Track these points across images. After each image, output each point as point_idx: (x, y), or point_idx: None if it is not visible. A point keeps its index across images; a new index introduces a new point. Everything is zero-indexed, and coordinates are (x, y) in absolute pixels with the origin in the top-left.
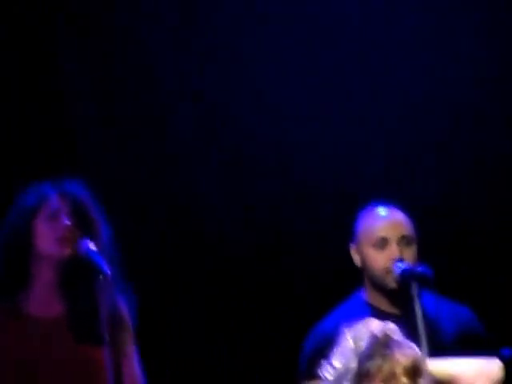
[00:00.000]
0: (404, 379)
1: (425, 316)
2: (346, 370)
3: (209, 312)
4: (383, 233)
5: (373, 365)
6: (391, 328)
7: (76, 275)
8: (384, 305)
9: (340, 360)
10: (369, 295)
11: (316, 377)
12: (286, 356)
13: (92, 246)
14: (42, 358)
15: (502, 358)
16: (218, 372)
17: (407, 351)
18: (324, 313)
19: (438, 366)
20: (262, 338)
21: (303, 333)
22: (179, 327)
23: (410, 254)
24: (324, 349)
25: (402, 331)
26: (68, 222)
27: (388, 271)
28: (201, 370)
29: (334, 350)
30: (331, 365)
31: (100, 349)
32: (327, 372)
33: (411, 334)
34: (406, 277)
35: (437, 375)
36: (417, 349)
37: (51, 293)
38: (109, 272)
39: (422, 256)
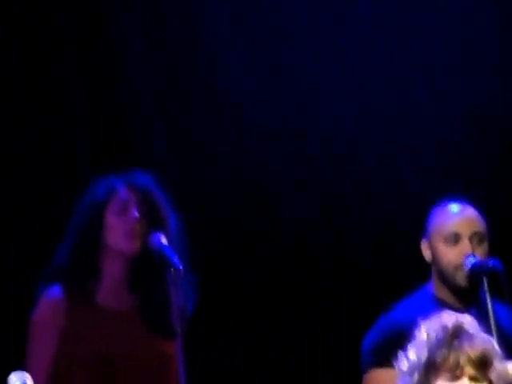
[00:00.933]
0: (470, 370)
1: (495, 319)
2: (419, 362)
3: None
4: (455, 228)
5: (439, 355)
6: (466, 320)
7: (146, 268)
8: (452, 300)
9: (414, 352)
10: (437, 289)
11: (385, 366)
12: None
13: (163, 239)
14: (115, 351)
15: None
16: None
17: (477, 342)
18: (390, 305)
19: None
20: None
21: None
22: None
23: (481, 251)
24: (392, 340)
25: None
26: (137, 215)
27: (459, 267)
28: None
29: (410, 342)
30: (406, 356)
31: (172, 342)
32: (402, 363)
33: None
34: (476, 271)
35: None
36: (493, 343)
37: (122, 285)
38: (180, 266)
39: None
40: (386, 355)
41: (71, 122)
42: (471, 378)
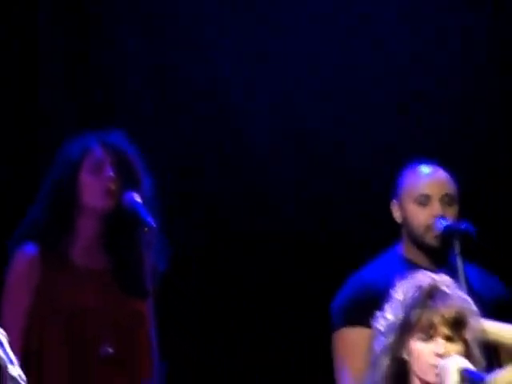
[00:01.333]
0: (444, 330)
1: (466, 281)
2: (394, 322)
3: None
4: (426, 190)
5: (413, 315)
6: (442, 280)
7: (120, 227)
8: (422, 260)
9: (390, 312)
10: (407, 250)
11: (354, 325)
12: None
13: (137, 198)
14: (87, 307)
15: None
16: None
17: (452, 302)
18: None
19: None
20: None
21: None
22: None
23: (451, 212)
24: (362, 299)
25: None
26: (112, 174)
27: (429, 228)
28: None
29: (387, 302)
30: (383, 317)
31: (143, 302)
32: (379, 324)
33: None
34: (449, 233)
35: (487, 335)
36: (469, 303)
37: (96, 244)
38: (154, 224)
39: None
40: (356, 314)
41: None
42: (446, 338)
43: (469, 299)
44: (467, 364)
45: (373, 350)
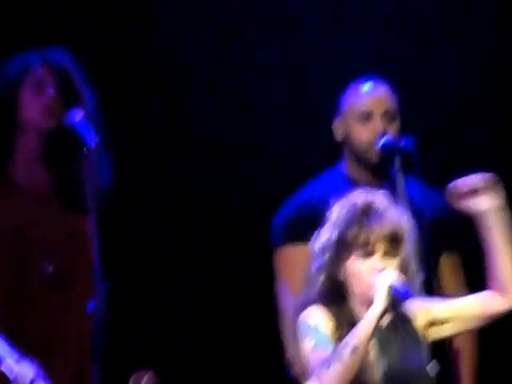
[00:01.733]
0: (381, 246)
1: (406, 197)
2: (330, 241)
3: None
4: (367, 107)
5: (350, 233)
6: (377, 198)
7: (61, 146)
8: (364, 177)
9: (325, 231)
10: (348, 168)
11: (296, 243)
12: None
13: (78, 117)
14: (29, 227)
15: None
16: None
17: (387, 220)
18: (301, 184)
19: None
20: None
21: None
22: None
23: (393, 129)
24: (303, 217)
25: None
26: (53, 92)
27: (371, 145)
28: None
29: (322, 222)
30: (318, 237)
31: (85, 218)
32: (315, 244)
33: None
34: (388, 150)
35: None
36: (405, 219)
37: (37, 163)
38: (93, 144)
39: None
40: (296, 231)
41: None
42: (383, 254)
43: (405, 215)
44: (397, 279)
45: (309, 270)
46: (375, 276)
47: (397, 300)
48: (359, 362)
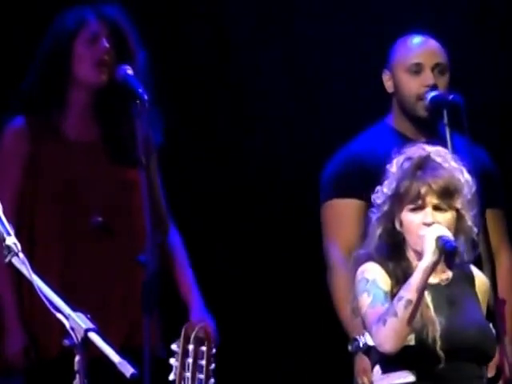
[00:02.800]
0: (432, 199)
1: (453, 151)
2: (386, 194)
3: None
4: (418, 59)
5: (402, 186)
6: (435, 150)
7: (113, 100)
8: (412, 132)
9: (385, 185)
10: (396, 121)
11: (344, 196)
12: None
13: (130, 71)
14: (78, 178)
15: None
16: None
17: (440, 172)
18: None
19: None
20: None
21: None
22: None
23: (443, 82)
24: (352, 171)
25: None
26: (107, 45)
27: (420, 97)
28: None
29: (383, 175)
30: (380, 190)
31: (135, 170)
32: (377, 197)
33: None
34: (437, 103)
35: None
36: (461, 173)
37: (87, 117)
38: (146, 97)
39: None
40: (346, 185)
41: None
42: (435, 207)
43: (463, 169)
44: (445, 232)
45: (370, 221)
46: (425, 229)
47: (445, 253)
48: (414, 316)
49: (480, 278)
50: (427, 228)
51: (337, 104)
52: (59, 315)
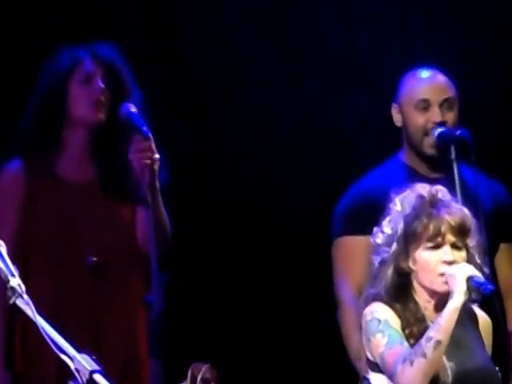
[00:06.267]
0: (450, 237)
1: (464, 187)
2: (395, 233)
3: None
4: (426, 95)
5: (419, 224)
6: (439, 189)
7: (110, 138)
8: (422, 168)
9: (389, 224)
10: (407, 157)
11: (355, 234)
12: None
13: (133, 109)
14: (75, 218)
15: None
16: None
17: (454, 210)
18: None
19: None
20: None
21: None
22: None
23: (451, 117)
24: (363, 207)
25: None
26: (102, 85)
27: (427, 133)
28: None
29: (384, 214)
30: (381, 231)
31: (133, 209)
32: (378, 238)
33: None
34: (444, 139)
35: None
36: (465, 209)
37: (84, 156)
38: (149, 134)
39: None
40: (357, 223)
41: None
42: (452, 245)
43: (466, 208)
44: (475, 272)
45: (372, 262)
46: (446, 267)
47: (477, 293)
48: (442, 357)
49: (483, 319)
50: (451, 267)
51: (349, 140)
52: (64, 357)
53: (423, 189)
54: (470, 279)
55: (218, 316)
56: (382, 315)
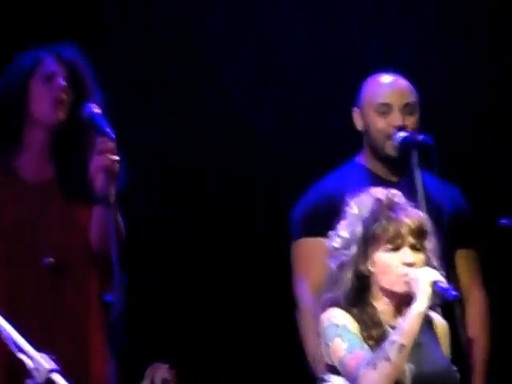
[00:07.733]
0: (410, 239)
1: (426, 192)
2: (353, 236)
3: None
4: (387, 99)
5: (378, 226)
6: (394, 193)
7: (70, 138)
8: (382, 171)
9: (346, 229)
10: (367, 160)
11: (314, 235)
12: None
13: (97, 110)
14: (32, 219)
15: (498, 226)
16: None
17: (412, 213)
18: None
19: None
20: None
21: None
22: None
23: (412, 122)
24: (322, 210)
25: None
26: (63, 83)
27: (388, 137)
28: None
29: (340, 218)
30: (338, 235)
31: (90, 209)
32: (334, 240)
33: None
34: (406, 145)
35: None
36: (421, 212)
37: (44, 156)
38: (112, 135)
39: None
40: (315, 225)
41: None
42: (411, 247)
43: (420, 211)
44: (439, 277)
45: (329, 266)
46: (410, 270)
47: (440, 298)
48: (405, 361)
49: (438, 321)
50: (414, 270)
51: (310, 141)
52: (22, 356)
53: (379, 192)
54: (434, 284)
55: (217, 316)
56: (339, 321)
